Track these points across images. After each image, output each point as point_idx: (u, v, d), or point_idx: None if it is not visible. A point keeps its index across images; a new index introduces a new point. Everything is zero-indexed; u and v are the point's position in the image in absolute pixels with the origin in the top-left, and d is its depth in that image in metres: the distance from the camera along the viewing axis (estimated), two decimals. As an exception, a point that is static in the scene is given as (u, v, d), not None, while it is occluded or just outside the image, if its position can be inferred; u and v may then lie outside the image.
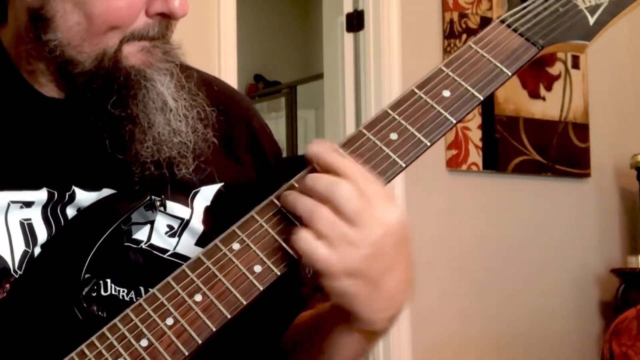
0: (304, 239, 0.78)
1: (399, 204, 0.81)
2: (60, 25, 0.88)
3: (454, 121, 0.85)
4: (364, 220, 0.77)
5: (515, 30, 0.87)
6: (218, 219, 0.97)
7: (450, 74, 0.86)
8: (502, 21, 0.88)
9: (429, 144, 0.84)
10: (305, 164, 0.83)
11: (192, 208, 0.97)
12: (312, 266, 0.78)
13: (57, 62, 0.90)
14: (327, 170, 0.80)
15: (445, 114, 0.85)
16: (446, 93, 0.85)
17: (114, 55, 0.89)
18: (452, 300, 3.24)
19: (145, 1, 0.89)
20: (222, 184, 1.00)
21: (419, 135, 0.84)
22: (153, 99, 0.90)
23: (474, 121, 3.28)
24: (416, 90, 0.85)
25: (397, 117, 0.84)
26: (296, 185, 0.82)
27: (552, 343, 3.44)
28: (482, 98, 0.85)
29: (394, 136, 0.83)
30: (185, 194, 0.97)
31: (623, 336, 2.63)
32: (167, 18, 0.90)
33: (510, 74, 0.85)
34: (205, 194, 0.99)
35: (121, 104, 0.90)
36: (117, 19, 0.87)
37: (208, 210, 0.98)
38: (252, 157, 1.05)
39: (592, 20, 0.88)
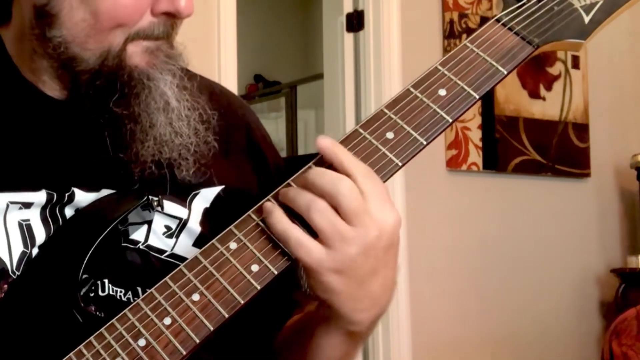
0: (294, 230, 0.79)
1: (396, 207, 0.81)
2: (65, 22, 0.87)
3: (450, 120, 0.85)
4: (361, 219, 0.78)
5: (510, 29, 0.88)
6: (217, 221, 0.97)
7: (446, 72, 0.86)
8: (498, 20, 0.89)
9: (425, 142, 0.84)
10: (304, 164, 0.83)
11: (189, 209, 0.97)
12: (301, 259, 0.79)
13: (61, 59, 0.89)
14: (332, 165, 0.80)
15: (442, 112, 0.85)
16: (442, 92, 0.86)
17: (118, 54, 0.89)
18: (452, 300, 3.24)
19: (151, 0, 0.89)
20: (222, 187, 1.00)
21: (415, 134, 0.84)
22: (155, 99, 0.90)
23: (474, 121, 3.28)
24: (412, 90, 0.85)
25: (393, 116, 0.85)
26: (292, 184, 0.82)
27: (552, 343, 3.44)
28: (477, 97, 0.86)
29: (390, 135, 0.84)
30: (183, 195, 0.97)
31: (623, 336, 2.63)
32: (172, 17, 0.90)
33: (506, 72, 0.85)
34: (205, 196, 0.99)
35: (123, 102, 0.89)
36: (123, 17, 0.87)
37: (207, 213, 0.98)
38: (252, 164, 1.05)
39: (587, 19, 0.89)
